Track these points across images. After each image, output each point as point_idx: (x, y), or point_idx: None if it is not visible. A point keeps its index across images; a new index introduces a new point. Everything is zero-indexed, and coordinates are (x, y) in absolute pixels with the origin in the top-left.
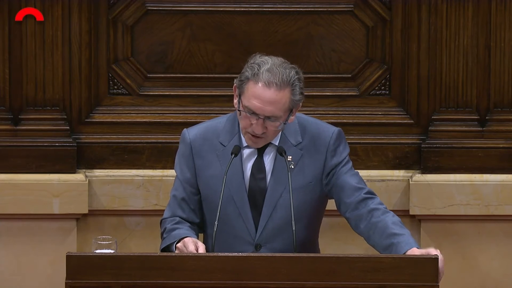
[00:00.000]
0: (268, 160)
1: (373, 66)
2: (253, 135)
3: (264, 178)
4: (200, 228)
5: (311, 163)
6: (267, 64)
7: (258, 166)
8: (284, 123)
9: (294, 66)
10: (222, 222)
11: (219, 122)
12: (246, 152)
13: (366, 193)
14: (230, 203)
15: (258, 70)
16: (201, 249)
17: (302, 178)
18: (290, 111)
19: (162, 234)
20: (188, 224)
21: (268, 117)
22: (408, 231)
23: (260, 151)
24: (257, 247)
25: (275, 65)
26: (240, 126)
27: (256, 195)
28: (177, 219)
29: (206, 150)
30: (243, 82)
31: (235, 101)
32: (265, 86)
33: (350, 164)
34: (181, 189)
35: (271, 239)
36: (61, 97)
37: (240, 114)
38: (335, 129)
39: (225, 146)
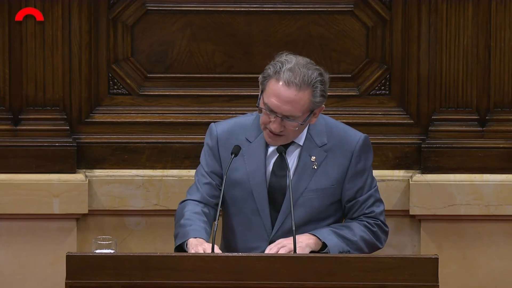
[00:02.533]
0: (291, 158)
1: (373, 66)
2: (271, 132)
3: (285, 176)
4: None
5: (335, 166)
6: (290, 63)
7: (280, 163)
8: (302, 124)
9: (318, 68)
10: (240, 216)
11: (248, 119)
12: (270, 149)
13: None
14: (249, 198)
15: (280, 68)
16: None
17: (325, 180)
18: (311, 112)
19: (178, 218)
20: (204, 218)
21: (286, 117)
22: (342, 236)
23: (283, 149)
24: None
25: (298, 65)
26: (260, 121)
27: (276, 192)
28: (198, 208)
29: (232, 144)
30: (265, 79)
31: (259, 96)
32: (285, 85)
33: (371, 180)
34: (207, 177)
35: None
36: (61, 97)
37: (260, 110)
38: (362, 135)
39: (250, 142)
